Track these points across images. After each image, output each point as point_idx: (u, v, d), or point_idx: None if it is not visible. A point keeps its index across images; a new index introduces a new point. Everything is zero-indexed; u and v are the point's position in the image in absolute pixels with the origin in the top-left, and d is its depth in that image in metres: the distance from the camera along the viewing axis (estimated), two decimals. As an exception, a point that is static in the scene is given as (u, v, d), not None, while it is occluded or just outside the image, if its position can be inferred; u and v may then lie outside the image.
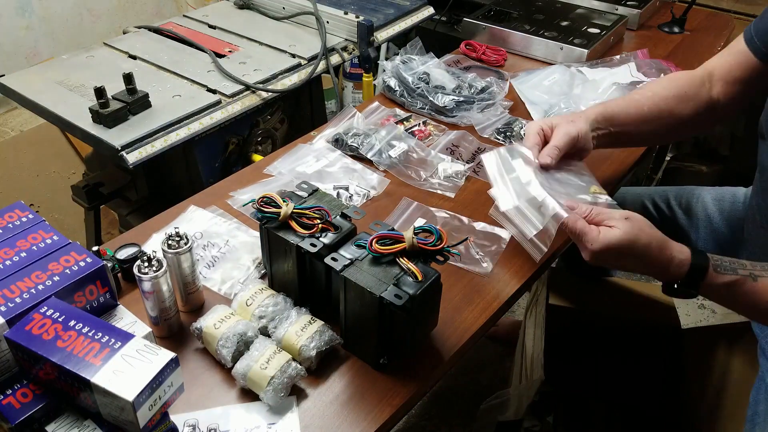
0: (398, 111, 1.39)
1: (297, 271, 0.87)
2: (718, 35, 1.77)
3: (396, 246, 0.80)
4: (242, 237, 1.04)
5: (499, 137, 1.31)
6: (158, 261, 0.82)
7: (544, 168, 0.98)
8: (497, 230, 1.07)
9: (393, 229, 0.83)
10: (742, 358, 1.31)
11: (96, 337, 0.68)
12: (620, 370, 1.59)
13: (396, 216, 1.10)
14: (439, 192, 1.17)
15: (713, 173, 2.37)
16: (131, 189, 1.54)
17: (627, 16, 1.75)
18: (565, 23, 1.71)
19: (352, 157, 1.25)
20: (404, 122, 1.34)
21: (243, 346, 0.83)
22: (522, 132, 1.31)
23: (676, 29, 1.78)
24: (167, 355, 0.67)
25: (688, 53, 1.67)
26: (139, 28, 1.68)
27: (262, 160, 1.28)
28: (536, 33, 1.64)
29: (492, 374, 1.93)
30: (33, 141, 2.16)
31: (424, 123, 1.35)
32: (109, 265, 0.82)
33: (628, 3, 1.81)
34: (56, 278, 0.73)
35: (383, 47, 1.81)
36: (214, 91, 1.39)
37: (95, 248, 0.89)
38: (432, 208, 1.12)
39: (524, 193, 0.94)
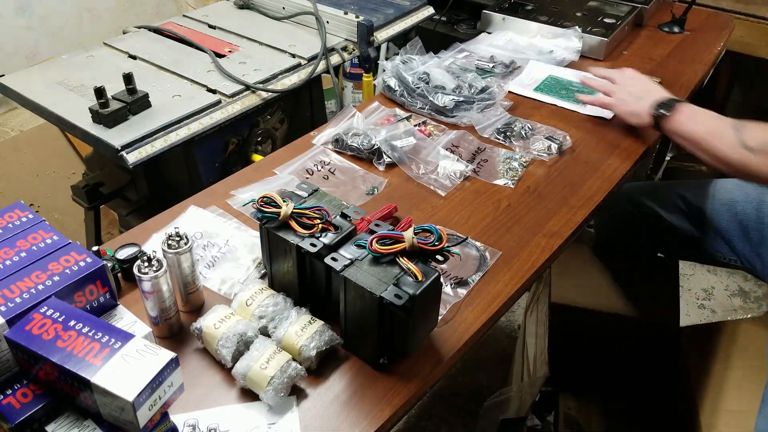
0: (398, 111, 1.39)
1: (297, 271, 0.87)
2: (718, 35, 1.77)
3: (396, 246, 0.80)
4: (242, 237, 1.04)
5: (499, 137, 1.31)
6: (158, 261, 0.82)
7: None
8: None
9: (393, 229, 0.83)
10: (742, 356, 1.31)
11: (96, 337, 0.68)
12: (620, 368, 1.59)
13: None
14: (431, 188, 1.17)
15: (713, 173, 2.37)
16: (131, 189, 1.54)
17: (641, 7, 1.79)
18: (580, 14, 1.75)
19: (352, 157, 1.25)
20: (404, 122, 1.34)
21: (243, 346, 0.83)
22: (522, 132, 1.31)
23: (676, 29, 1.78)
24: (167, 355, 0.67)
25: (688, 53, 1.67)
26: (139, 28, 1.68)
27: (262, 160, 1.28)
28: (554, 23, 1.68)
29: (492, 374, 1.93)
30: (33, 141, 2.16)
31: (424, 123, 1.35)
32: (109, 265, 0.82)
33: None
34: (56, 278, 0.73)
35: (383, 47, 1.81)
36: (214, 91, 1.39)
37: (95, 248, 0.89)
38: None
39: None
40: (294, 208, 0.85)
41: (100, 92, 1.24)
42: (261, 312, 0.87)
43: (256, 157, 1.46)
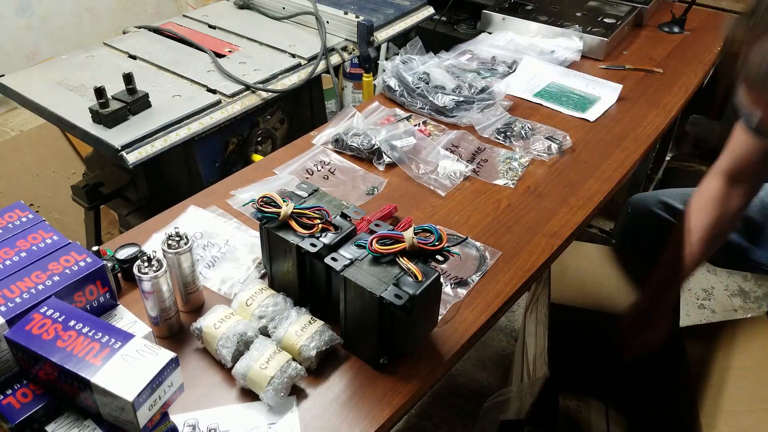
0: (398, 111, 1.39)
1: (297, 271, 0.87)
2: (718, 35, 1.77)
3: (396, 246, 0.80)
4: (242, 237, 1.04)
5: (499, 137, 1.31)
6: (158, 261, 0.82)
7: None
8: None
9: (393, 229, 0.83)
10: (742, 356, 1.30)
11: (96, 337, 0.68)
12: (620, 368, 1.58)
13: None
14: (431, 188, 1.17)
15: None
16: (131, 189, 1.54)
17: (641, 7, 1.80)
18: (580, 14, 1.76)
19: (352, 157, 1.25)
20: (404, 122, 1.34)
21: (243, 346, 0.83)
22: (522, 132, 1.31)
23: (676, 29, 1.78)
24: (167, 355, 0.67)
25: (688, 53, 1.67)
26: (139, 28, 1.68)
27: (262, 160, 1.28)
28: (554, 23, 1.68)
29: (492, 374, 1.93)
30: (33, 141, 2.16)
31: (424, 123, 1.35)
32: (109, 265, 0.82)
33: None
34: (56, 278, 0.73)
35: (383, 47, 1.81)
36: (214, 91, 1.39)
37: (95, 248, 0.89)
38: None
39: None
40: (294, 208, 0.85)
41: (100, 92, 1.24)
42: (261, 312, 0.87)
43: (256, 157, 1.46)
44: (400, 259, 0.80)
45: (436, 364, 0.86)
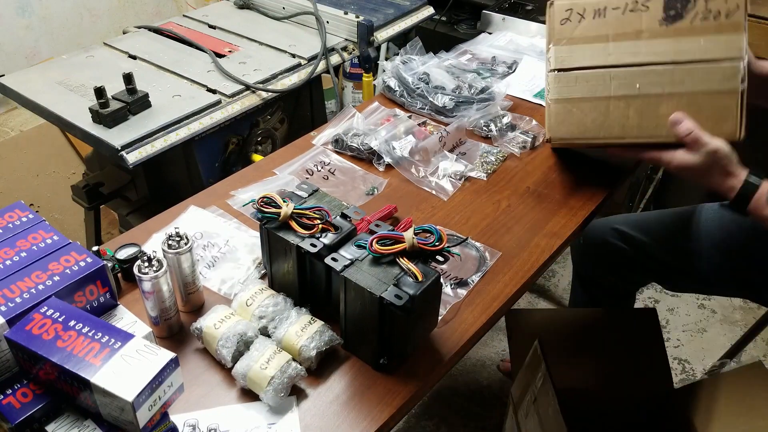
0: (398, 111, 1.39)
1: (297, 272, 0.87)
2: (718, 35, 1.76)
3: (396, 246, 0.80)
4: (242, 237, 1.04)
5: (481, 131, 1.32)
6: (158, 261, 0.82)
7: None
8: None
9: (393, 230, 0.83)
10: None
11: (96, 337, 0.68)
12: None
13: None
14: (433, 193, 1.17)
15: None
16: (131, 189, 1.54)
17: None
18: None
19: (352, 157, 1.25)
20: (404, 122, 1.34)
21: (243, 346, 0.83)
22: (504, 127, 1.32)
23: (676, 29, 1.78)
24: (167, 355, 0.67)
25: (688, 53, 1.66)
26: (139, 28, 1.68)
27: (262, 160, 1.28)
28: None
29: (492, 374, 1.93)
30: (33, 141, 2.16)
31: (424, 123, 1.35)
32: (109, 265, 0.82)
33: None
34: (56, 278, 0.73)
35: (383, 47, 1.81)
36: (214, 91, 1.40)
37: (95, 248, 0.89)
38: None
39: None
40: (294, 209, 0.85)
41: (100, 92, 1.24)
42: (261, 312, 0.87)
43: (256, 157, 1.46)
44: (400, 259, 0.80)
45: (436, 364, 0.86)
